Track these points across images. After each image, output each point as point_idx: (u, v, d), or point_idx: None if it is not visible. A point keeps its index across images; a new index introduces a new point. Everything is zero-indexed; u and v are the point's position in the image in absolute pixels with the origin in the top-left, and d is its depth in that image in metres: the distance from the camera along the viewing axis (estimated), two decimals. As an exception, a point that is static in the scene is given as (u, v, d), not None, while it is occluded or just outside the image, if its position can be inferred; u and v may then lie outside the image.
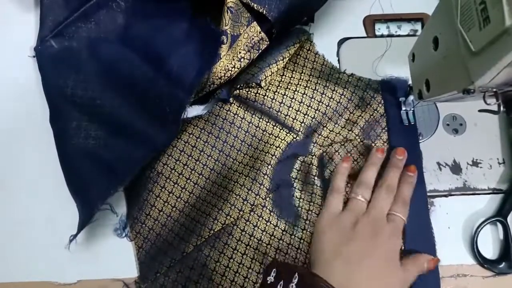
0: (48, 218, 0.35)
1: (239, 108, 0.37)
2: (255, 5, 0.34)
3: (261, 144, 0.36)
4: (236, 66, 0.35)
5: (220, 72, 0.35)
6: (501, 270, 0.33)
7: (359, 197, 0.33)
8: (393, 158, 0.34)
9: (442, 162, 0.36)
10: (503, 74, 0.22)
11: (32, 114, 0.38)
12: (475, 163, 0.36)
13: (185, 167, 0.35)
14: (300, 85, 0.38)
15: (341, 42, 0.40)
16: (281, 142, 0.36)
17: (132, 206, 0.35)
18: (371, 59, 0.39)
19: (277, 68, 0.37)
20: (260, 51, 0.36)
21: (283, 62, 0.37)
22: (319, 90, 0.37)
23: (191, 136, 0.36)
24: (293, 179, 0.35)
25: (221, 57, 0.34)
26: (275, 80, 0.38)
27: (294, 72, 0.39)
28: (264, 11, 0.34)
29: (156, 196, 0.34)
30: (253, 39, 0.35)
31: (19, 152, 0.37)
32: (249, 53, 0.35)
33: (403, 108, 0.37)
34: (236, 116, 0.37)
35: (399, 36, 0.40)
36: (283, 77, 0.38)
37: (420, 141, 0.37)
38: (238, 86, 0.37)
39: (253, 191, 0.34)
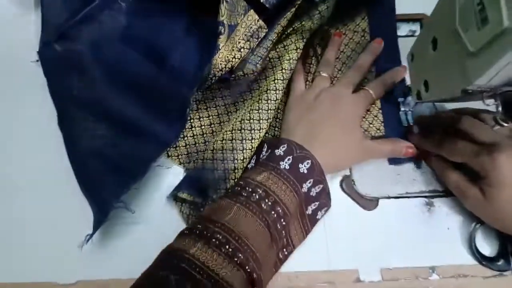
0: (47, 219, 0.35)
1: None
2: None
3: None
4: (236, 57, 0.35)
5: (220, 64, 0.34)
6: (500, 268, 0.33)
7: (322, 73, 0.37)
8: (370, 45, 0.38)
9: (441, 162, 0.36)
10: (501, 75, 0.22)
11: (38, 116, 0.38)
12: (474, 164, 0.36)
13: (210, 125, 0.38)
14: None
15: (340, 42, 0.41)
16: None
17: None
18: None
19: (272, 42, 0.37)
20: (260, 39, 0.36)
21: (278, 34, 0.37)
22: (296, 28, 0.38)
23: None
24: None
25: (220, 48, 0.34)
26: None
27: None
28: None
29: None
30: (251, 28, 0.35)
31: (20, 153, 0.38)
32: (248, 42, 0.35)
33: (402, 109, 0.37)
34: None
35: (398, 36, 0.40)
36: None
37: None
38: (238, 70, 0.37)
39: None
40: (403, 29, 0.41)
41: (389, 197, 0.35)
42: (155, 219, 0.35)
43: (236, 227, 0.27)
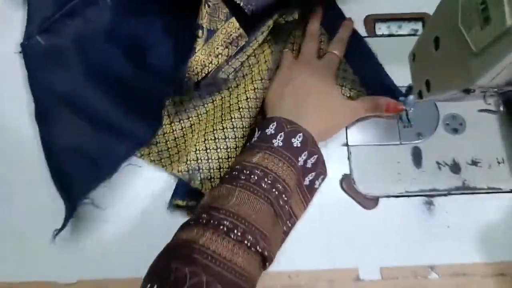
0: (47, 218, 0.35)
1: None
2: None
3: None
4: (213, 62, 0.35)
5: (196, 68, 0.34)
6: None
7: (284, 49, 0.39)
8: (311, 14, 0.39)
9: (441, 161, 0.36)
10: (503, 74, 0.22)
11: (16, 109, 0.38)
12: (474, 163, 0.36)
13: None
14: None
15: (341, 41, 0.40)
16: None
17: None
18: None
19: (247, 56, 0.38)
20: (239, 47, 0.36)
21: (253, 48, 0.37)
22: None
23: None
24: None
25: (196, 51, 0.34)
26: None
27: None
28: (242, 3, 0.34)
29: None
30: (231, 35, 0.35)
31: (17, 151, 0.37)
32: (227, 49, 0.35)
33: (403, 108, 0.37)
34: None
35: (399, 35, 0.40)
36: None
37: (419, 141, 0.37)
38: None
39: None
40: (405, 28, 0.41)
41: (389, 196, 0.35)
42: (150, 219, 0.35)
43: (240, 210, 0.27)
